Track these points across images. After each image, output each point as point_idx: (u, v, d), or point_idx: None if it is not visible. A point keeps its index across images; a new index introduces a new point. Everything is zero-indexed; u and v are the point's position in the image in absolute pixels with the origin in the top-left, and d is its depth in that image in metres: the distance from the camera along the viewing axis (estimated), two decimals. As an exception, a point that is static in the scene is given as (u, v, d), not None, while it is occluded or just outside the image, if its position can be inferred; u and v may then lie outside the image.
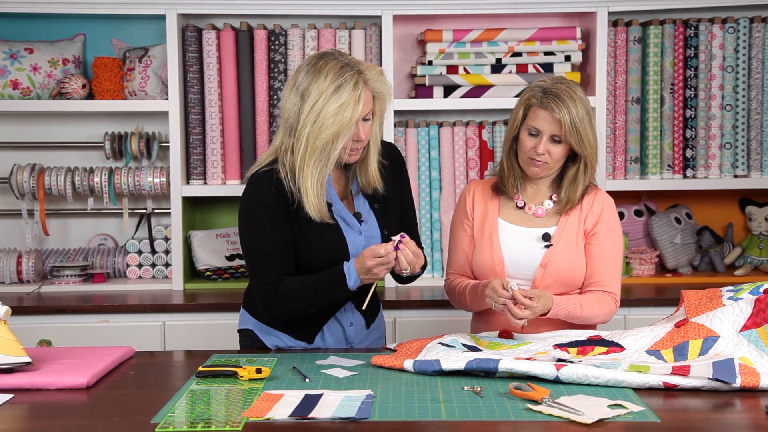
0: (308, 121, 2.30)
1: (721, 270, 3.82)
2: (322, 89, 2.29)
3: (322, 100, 2.28)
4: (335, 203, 2.45)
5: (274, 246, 2.40)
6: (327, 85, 2.28)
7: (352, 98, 2.28)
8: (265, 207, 2.39)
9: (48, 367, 2.23)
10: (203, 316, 3.38)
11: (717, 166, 3.72)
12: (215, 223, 3.94)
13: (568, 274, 2.52)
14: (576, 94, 2.47)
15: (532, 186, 2.60)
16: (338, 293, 2.38)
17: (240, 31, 3.67)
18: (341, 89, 2.28)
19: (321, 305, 2.42)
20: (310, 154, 2.31)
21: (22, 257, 3.68)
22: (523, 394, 1.97)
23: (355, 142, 2.36)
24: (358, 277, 2.34)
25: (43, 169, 3.70)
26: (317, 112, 2.28)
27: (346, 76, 2.29)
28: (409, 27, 3.79)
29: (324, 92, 2.28)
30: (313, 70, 2.32)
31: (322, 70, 2.31)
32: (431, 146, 3.69)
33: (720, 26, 3.66)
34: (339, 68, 2.30)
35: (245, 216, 2.44)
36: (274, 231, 2.39)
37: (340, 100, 2.28)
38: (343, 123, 2.28)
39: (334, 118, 2.28)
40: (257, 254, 2.42)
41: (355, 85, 2.29)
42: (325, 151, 2.31)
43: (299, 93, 2.33)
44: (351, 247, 2.43)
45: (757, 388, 2.03)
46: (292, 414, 1.89)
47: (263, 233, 2.40)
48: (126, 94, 3.71)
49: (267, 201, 2.39)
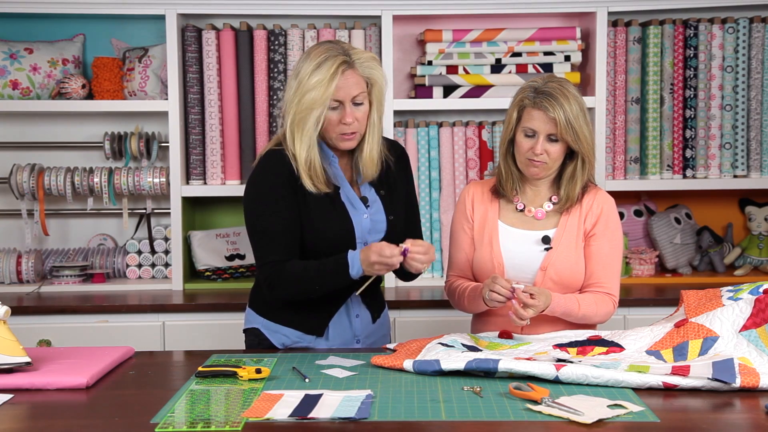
0: (294, 98, 2.41)
1: (720, 270, 3.82)
2: (307, 68, 2.40)
3: (304, 78, 2.39)
4: (343, 186, 2.49)
5: (280, 225, 2.43)
6: (310, 64, 2.40)
7: (326, 75, 2.37)
8: (273, 186, 2.44)
9: (48, 367, 2.23)
10: (203, 316, 3.38)
11: (717, 166, 3.72)
12: (215, 223, 3.94)
13: (568, 276, 2.52)
14: (569, 92, 2.47)
15: (532, 188, 2.59)
16: (340, 280, 2.41)
17: (240, 31, 3.67)
18: (321, 66, 2.38)
19: (323, 290, 2.43)
20: (297, 129, 2.41)
21: (22, 257, 3.68)
22: (522, 394, 1.97)
23: (343, 125, 2.41)
24: (361, 267, 2.37)
25: (42, 169, 3.70)
26: (300, 90, 2.40)
27: (328, 55, 2.40)
28: (409, 27, 3.79)
29: (307, 70, 2.40)
30: (306, 55, 2.45)
31: (311, 53, 2.43)
32: (431, 146, 3.69)
33: (720, 26, 3.67)
34: (325, 50, 2.42)
35: (252, 195, 2.48)
36: (281, 210, 2.43)
37: (317, 76, 2.38)
38: (315, 99, 2.37)
39: (309, 94, 2.38)
40: (263, 233, 2.45)
41: (332, 64, 2.38)
42: (304, 126, 2.41)
43: (294, 76, 2.45)
44: (357, 229, 2.47)
45: (756, 388, 2.03)
46: (292, 414, 1.89)
47: (270, 212, 2.43)
48: (126, 94, 3.71)
49: (275, 180, 2.44)
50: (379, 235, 2.51)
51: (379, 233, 2.51)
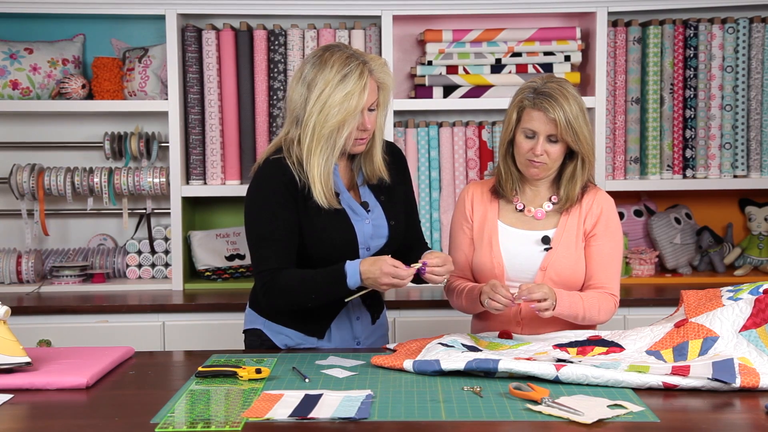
0: (315, 110, 2.35)
1: (720, 270, 3.82)
2: (328, 79, 2.34)
3: (329, 90, 2.34)
4: (342, 193, 2.47)
5: (278, 232, 2.41)
6: (333, 75, 2.34)
7: (357, 87, 2.33)
8: (273, 193, 2.42)
9: (48, 367, 2.23)
10: (203, 316, 3.38)
11: (717, 166, 3.72)
12: (215, 223, 3.94)
13: (568, 276, 2.52)
14: (568, 92, 2.46)
15: (531, 188, 2.59)
16: (337, 291, 2.39)
17: (240, 31, 3.67)
18: (347, 78, 2.34)
19: (318, 301, 2.42)
20: (317, 142, 2.36)
21: (22, 257, 3.68)
22: (522, 394, 1.97)
23: (361, 131, 2.40)
24: (359, 279, 2.34)
25: (42, 169, 3.70)
26: (324, 101, 2.34)
27: (352, 66, 2.35)
28: (409, 27, 3.79)
29: (330, 82, 2.34)
30: (319, 61, 2.38)
31: (327, 61, 2.36)
32: (431, 146, 3.69)
33: (720, 26, 3.67)
34: (345, 58, 2.36)
35: (252, 202, 2.46)
36: (280, 217, 2.41)
37: (345, 88, 2.33)
38: (348, 111, 2.33)
39: (339, 107, 2.33)
40: (261, 240, 2.43)
41: (360, 75, 2.34)
42: (330, 139, 2.36)
43: (305, 84, 2.38)
44: (359, 235, 2.46)
45: (756, 388, 2.03)
46: (292, 414, 1.89)
47: (269, 219, 2.41)
48: (126, 94, 3.71)
49: (276, 187, 2.42)
50: (381, 240, 2.51)
51: (382, 238, 2.51)
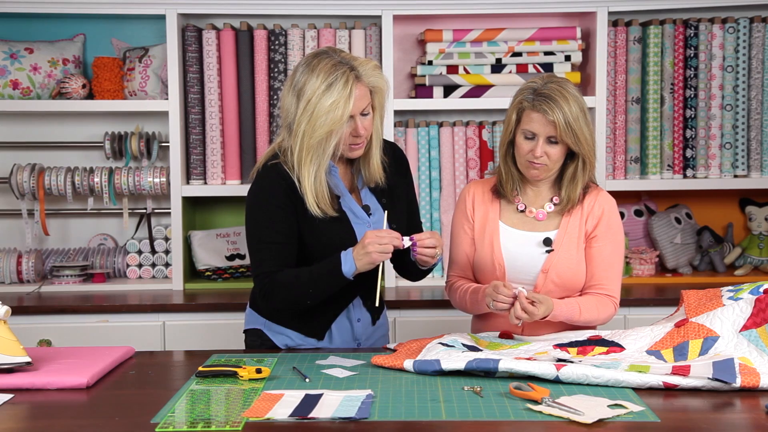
0: (303, 119, 2.35)
1: (721, 270, 3.82)
2: (314, 88, 2.33)
3: (315, 99, 2.33)
4: (344, 196, 2.46)
5: (277, 236, 2.41)
6: (319, 84, 2.33)
7: (342, 96, 2.32)
8: (273, 197, 2.41)
9: (48, 367, 2.23)
10: (203, 316, 3.38)
11: (717, 166, 3.72)
12: (215, 223, 3.94)
13: (570, 278, 2.51)
14: (568, 93, 2.44)
15: (532, 189, 2.58)
16: (334, 281, 2.36)
17: (240, 31, 3.67)
18: (332, 87, 2.32)
19: (317, 295, 2.39)
20: (306, 152, 2.36)
21: (22, 257, 3.68)
22: (523, 394, 1.97)
23: (354, 137, 2.39)
24: (353, 262, 2.32)
25: (43, 169, 3.70)
26: (310, 111, 2.33)
27: (337, 74, 2.33)
28: (409, 27, 3.79)
29: (316, 91, 2.33)
30: (308, 69, 2.37)
31: (315, 69, 2.35)
32: (431, 146, 3.69)
33: (720, 26, 3.66)
34: (331, 66, 2.34)
35: (252, 206, 2.45)
36: (279, 221, 2.41)
37: (331, 98, 2.32)
38: (334, 121, 2.32)
39: (326, 117, 2.32)
40: (259, 243, 2.43)
41: (345, 83, 2.32)
42: (320, 148, 2.36)
43: (295, 92, 2.38)
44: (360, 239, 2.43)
45: (757, 388, 2.03)
46: (292, 414, 1.89)
47: (268, 223, 2.41)
48: (126, 94, 3.71)
49: (275, 192, 2.41)
50: None
51: None
